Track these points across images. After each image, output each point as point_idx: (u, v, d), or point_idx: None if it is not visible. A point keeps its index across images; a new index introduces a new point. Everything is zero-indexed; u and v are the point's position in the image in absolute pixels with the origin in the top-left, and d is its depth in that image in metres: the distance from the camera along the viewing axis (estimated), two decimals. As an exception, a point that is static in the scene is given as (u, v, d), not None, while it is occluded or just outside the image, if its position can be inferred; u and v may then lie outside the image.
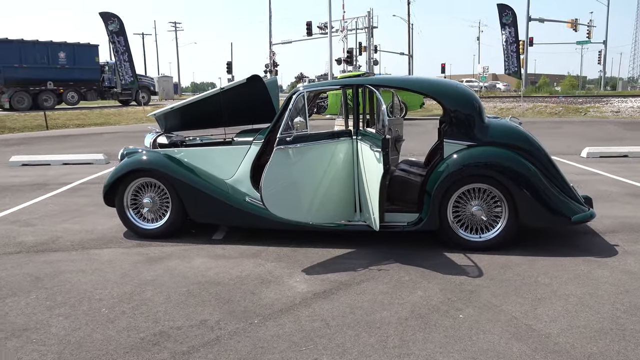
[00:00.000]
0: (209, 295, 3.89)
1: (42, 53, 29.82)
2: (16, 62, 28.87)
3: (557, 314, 3.44)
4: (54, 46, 30.47)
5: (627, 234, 5.20)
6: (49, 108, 28.72)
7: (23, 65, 29.09)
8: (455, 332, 3.24)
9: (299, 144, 4.55)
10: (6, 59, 28.23)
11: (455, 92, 5.00)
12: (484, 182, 4.70)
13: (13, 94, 28.84)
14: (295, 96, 4.71)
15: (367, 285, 4.02)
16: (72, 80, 30.53)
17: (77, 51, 30.60)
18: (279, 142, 4.48)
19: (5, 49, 28.29)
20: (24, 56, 29.20)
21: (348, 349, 3.05)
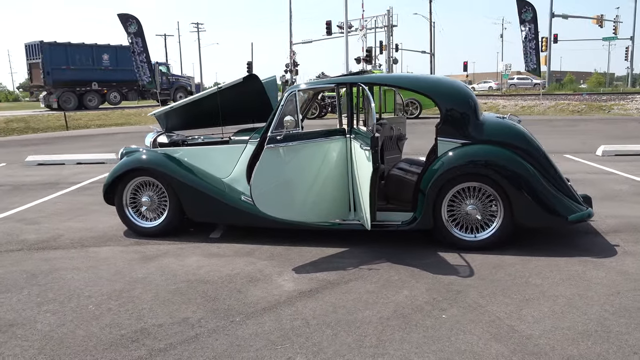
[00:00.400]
0: (196, 294, 3.91)
1: (88, 55, 31.31)
2: (64, 64, 30.33)
3: (542, 315, 3.37)
4: (98, 48, 31.86)
5: (630, 234, 5.07)
6: (94, 108, 30.44)
7: (70, 67, 30.57)
8: (435, 332, 3.20)
9: (290, 143, 4.55)
10: (55, 61, 29.72)
11: (449, 89, 4.94)
12: (478, 180, 4.63)
13: (61, 94, 30.32)
14: (287, 95, 4.71)
15: (354, 285, 4.00)
16: (114, 81, 31.66)
17: (120, 53, 31.74)
18: (270, 141, 4.49)
19: (54, 52, 29.75)
20: (71, 58, 30.66)
21: (324, 348, 3.03)
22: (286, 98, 4.70)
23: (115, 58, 31.85)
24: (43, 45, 29.85)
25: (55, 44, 30.30)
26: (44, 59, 29.70)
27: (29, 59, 30.82)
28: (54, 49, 30.02)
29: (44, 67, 29.72)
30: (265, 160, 4.43)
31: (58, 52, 30.13)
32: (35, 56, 30.21)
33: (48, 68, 29.73)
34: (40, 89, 31.59)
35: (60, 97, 30.28)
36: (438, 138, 4.78)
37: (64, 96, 30.46)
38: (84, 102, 31.14)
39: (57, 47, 30.26)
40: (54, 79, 29.96)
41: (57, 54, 30.12)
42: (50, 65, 29.72)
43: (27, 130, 21.86)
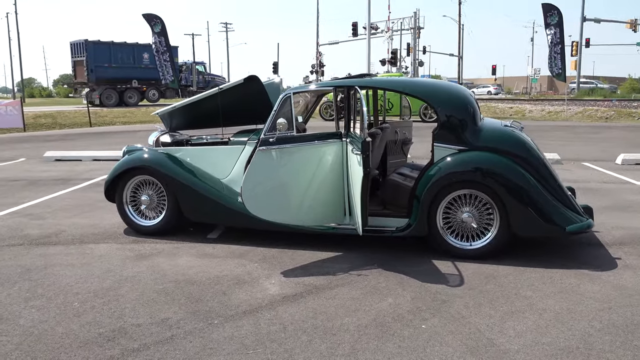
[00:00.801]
0: (181, 294, 3.92)
1: (129, 54, 32.52)
2: (106, 62, 31.53)
3: (525, 329, 3.28)
4: (139, 47, 32.96)
5: (635, 247, 4.90)
6: (133, 105, 31.61)
7: (112, 65, 31.77)
8: (410, 342, 3.13)
9: (283, 145, 4.53)
10: (98, 59, 30.87)
11: (446, 94, 4.85)
12: (474, 188, 4.53)
13: (103, 91, 31.59)
14: (281, 98, 4.69)
15: (339, 290, 3.96)
16: (153, 79, 32.48)
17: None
18: (262, 143, 4.48)
19: (98, 50, 30.90)
20: (113, 57, 31.88)
21: (295, 355, 3.00)
22: (280, 101, 4.68)
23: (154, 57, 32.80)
24: (87, 43, 30.97)
25: (99, 42, 31.45)
26: (88, 56, 30.79)
27: (74, 56, 31.92)
28: (98, 48, 31.16)
29: (88, 65, 30.82)
30: (257, 162, 4.42)
31: (101, 50, 31.31)
32: (80, 54, 31.32)
33: (92, 65, 30.85)
34: (83, 85, 32.71)
35: (102, 93, 31.50)
36: (434, 144, 4.70)
37: (105, 93, 31.67)
38: (124, 99, 32.31)
39: (100, 45, 31.43)
40: (96, 76, 31.06)
41: (101, 52, 31.29)
42: (93, 63, 30.87)
43: (54, 125, 22.38)
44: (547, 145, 13.02)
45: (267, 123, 4.62)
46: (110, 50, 31.92)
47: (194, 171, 5.42)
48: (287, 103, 4.66)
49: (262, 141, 4.48)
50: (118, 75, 31.90)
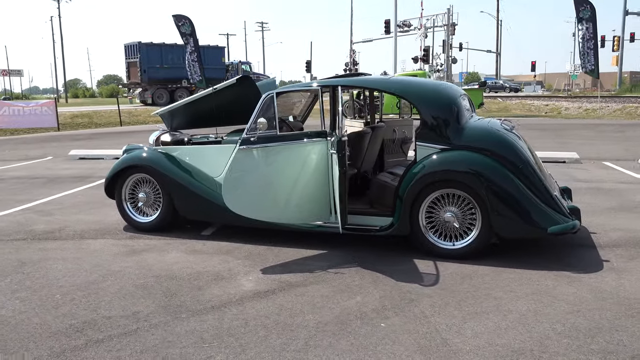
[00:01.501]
0: (159, 289, 4.05)
1: (179, 54, 33.03)
2: (158, 63, 32.76)
3: (483, 330, 3.26)
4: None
5: (627, 250, 4.77)
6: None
7: (164, 66, 32.93)
8: (364, 340, 3.16)
9: (265, 145, 4.61)
10: (150, 60, 32.16)
11: (428, 93, 4.83)
12: (455, 187, 4.51)
13: (154, 91, 32.83)
14: (263, 98, 4.76)
15: (312, 288, 4.01)
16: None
17: (207, 52, 33.86)
18: (242, 143, 4.57)
19: (150, 52, 32.20)
20: (164, 57, 33.02)
21: (247, 350, 3.08)
22: (262, 101, 4.75)
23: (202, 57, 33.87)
24: (141, 45, 32.19)
25: (151, 44, 32.70)
26: (141, 58, 31.98)
27: (127, 58, 33.23)
28: (150, 49, 32.39)
29: (141, 66, 32.00)
30: (237, 161, 4.51)
31: (153, 51, 32.54)
32: (133, 55, 32.55)
33: (144, 66, 32.03)
34: (136, 85, 33.96)
35: (154, 93, 32.66)
36: (417, 143, 4.69)
37: (157, 93, 32.79)
38: (175, 98, 33.38)
39: (152, 47, 32.68)
40: (149, 76, 32.25)
41: (153, 53, 32.51)
42: (146, 64, 32.07)
43: (90, 125, 23.17)
44: (568, 144, 12.70)
45: (249, 122, 4.70)
46: (162, 52, 33.06)
47: (188, 170, 5.56)
48: (268, 103, 4.73)
49: (243, 140, 4.57)
50: (169, 76, 32.81)
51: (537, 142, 12.88)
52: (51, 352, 3.08)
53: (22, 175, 9.58)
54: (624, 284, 3.95)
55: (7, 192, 8.06)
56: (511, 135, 4.82)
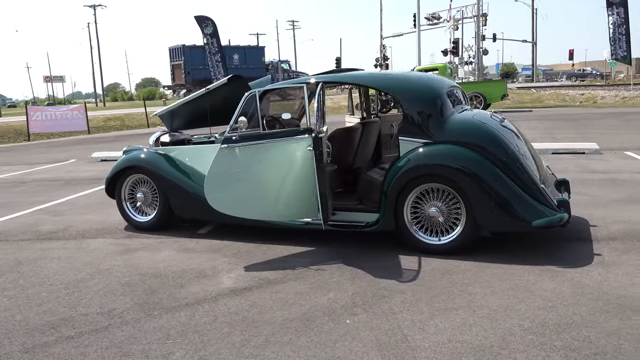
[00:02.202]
0: (141, 287, 4.14)
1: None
2: (201, 64, 33.46)
3: (448, 327, 3.20)
4: (229, 49, 35.40)
5: (623, 243, 4.60)
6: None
7: (206, 67, 33.37)
8: (324, 337, 3.16)
9: (247, 143, 4.64)
10: (193, 61, 33.05)
11: (410, 87, 4.76)
12: (438, 182, 4.44)
13: None
14: (246, 97, 4.79)
15: (289, 285, 4.02)
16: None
17: (248, 52, 34.74)
18: (224, 142, 4.61)
19: (194, 53, 33.18)
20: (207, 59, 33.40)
21: (208, 345, 3.12)
22: (244, 100, 4.78)
23: (244, 57, 34.93)
24: (185, 48, 33.10)
25: (195, 46, 33.69)
26: (185, 60, 32.87)
27: (172, 60, 34.29)
28: (194, 51, 33.33)
29: (185, 68, 32.89)
30: (219, 160, 4.56)
31: (196, 53, 33.45)
32: (178, 58, 33.41)
33: (188, 68, 32.92)
34: (181, 87, 34.88)
35: None
36: (399, 137, 4.64)
37: None
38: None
39: (195, 49, 33.64)
40: (192, 77, 33.14)
41: (196, 55, 33.42)
42: (190, 65, 32.98)
43: (122, 127, 23.80)
44: (589, 134, 12.30)
45: (231, 121, 4.74)
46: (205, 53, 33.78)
47: (184, 170, 5.65)
48: (250, 101, 4.76)
49: (225, 139, 4.62)
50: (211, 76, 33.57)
51: (558, 133, 12.54)
52: (22, 348, 3.20)
53: (43, 178, 9.93)
54: (609, 279, 3.82)
55: (25, 194, 8.38)
56: (499, 127, 4.70)
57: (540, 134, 12.63)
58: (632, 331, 3.03)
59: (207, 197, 4.56)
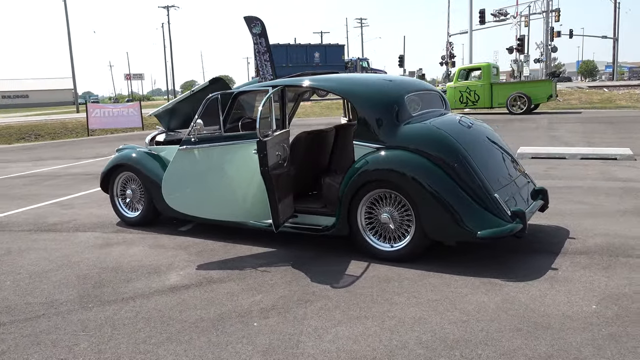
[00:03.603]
0: (94, 280, 4.37)
1: (302, 54, 35.86)
2: (284, 62, 34.80)
3: (346, 336, 3.17)
4: (311, 47, 36.63)
5: (591, 257, 4.32)
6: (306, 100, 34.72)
7: (288, 65, 34.94)
8: (224, 338, 3.22)
9: (205, 145, 4.77)
10: (277, 60, 34.25)
11: (365, 91, 4.69)
12: (388, 188, 4.36)
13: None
14: (206, 100, 4.90)
15: (226, 285, 4.11)
16: None
17: (328, 51, 35.83)
18: (183, 143, 4.76)
19: (277, 52, 34.42)
20: (289, 57, 35.33)
21: (113, 339, 3.26)
22: (205, 102, 4.90)
23: (324, 55, 35.74)
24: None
25: (278, 45, 35.05)
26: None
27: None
28: (277, 49, 34.45)
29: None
30: (177, 161, 4.71)
31: (280, 52, 34.72)
32: None
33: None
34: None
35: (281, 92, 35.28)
36: (354, 141, 4.59)
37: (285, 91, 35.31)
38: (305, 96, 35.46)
39: (279, 47, 34.98)
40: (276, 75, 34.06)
41: (279, 53, 34.64)
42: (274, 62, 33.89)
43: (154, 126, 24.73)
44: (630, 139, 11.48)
45: (191, 123, 4.88)
46: (287, 51, 35.13)
47: (168, 168, 5.85)
48: (210, 104, 4.87)
49: (183, 141, 4.76)
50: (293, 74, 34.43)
51: (596, 138, 11.82)
52: (-44, 331, 3.49)
53: (77, 172, 10.58)
54: (546, 295, 3.62)
55: (54, 187, 8.98)
56: (461, 132, 4.55)
57: (576, 138, 11.95)
58: (529, 352, 2.88)
59: (164, 197, 4.74)
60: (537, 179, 7.66)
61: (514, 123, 14.91)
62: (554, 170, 8.31)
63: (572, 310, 3.38)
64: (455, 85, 18.00)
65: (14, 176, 10.64)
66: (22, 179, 10.25)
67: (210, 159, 4.78)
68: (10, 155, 15.11)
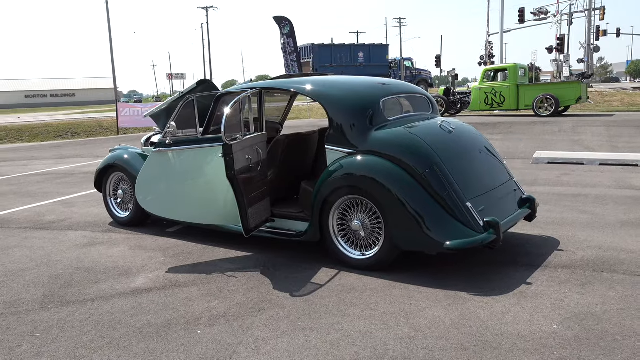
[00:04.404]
0: (65, 280, 4.40)
1: (346, 53, 36.16)
2: (328, 62, 35.46)
3: (284, 348, 3.06)
4: (355, 47, 37.09)
5: (573, 272, 4.07)
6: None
7: (332, 65, 35.47)
8: (162, 345, 3.16)
9: (180, 147, 4.74)
10: (321, 60, 34.85)
11: (337, 94, 4.55)
12: (358, 194, 4.22)
13: None
14: (182, 102, 4.87)
15: (189, 289, 4.07)
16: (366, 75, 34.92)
17: (372, 51, 36.00)
18: (157, 145, 4.74)
19: (321, 52, 34.86)
20: (334, 57, 35.79)
21: (56, 342, 3.26)
22: (180, 105, 4.87)
23: (368, 55, 35.86)
24: (314, 46, 34.68)
25: (323, 45, 35.33)
26: (314, 58, 34.30)
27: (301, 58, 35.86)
28: (322, 50, 34.77)
29: (313, 65, 34.45)
30: (151, 163, 4.69)
31: (325, 51, 35.03)
32: (307, 56, 35.00)
33: (316, 66, 34.45)
34: None
35: None
36: (326, 146, 4.47)
37: None
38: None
39: (324, 47, 35.23)
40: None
41: (324, 53, 34.96)
42: (318, 63, 34.49)
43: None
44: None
45: (165, 127, 4.86)
46: (332, 51, 35.50)
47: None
48: (186, 106, 4.84)
49: (158, 143, 4.74)
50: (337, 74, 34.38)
51: (622, 143, 11.27)
52: None
53: (90, 171, 10.76)
54: (509, 312, 3.42)
55: (64, 185, 9.18)
56: (438, 138, 4.36)
57: (600, 142, 11.40)
58: (466, 375, 2.70)
59: (137, 199, 4.73)
60: (547, 185, 7.36)
61: (536, 126, 14.37)
62: (567, 177, 7.94)
63: (530, 329, 3.17)
64: (481, 86, 17.50)
65: (31, 174, 10.95)
66: (38, 176, 10.53)
67: (184, 162, 4.75)
68: (38, 153, 15.59)
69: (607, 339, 3.02)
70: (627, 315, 3.30)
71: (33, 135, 22.58)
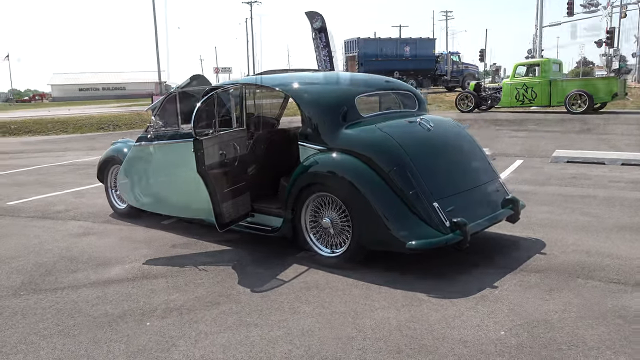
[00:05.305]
0: (46, 268, 4.57)
1: (392, 47, 35.84)
2: (374, 56, 35.22)
3: (221, 343, 3.09)
4: (401, 41, 36.71)
5: (546, 276, 3.91)
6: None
7: (378, 58, 35.22)
8: (109, 335, 3.24)
9: (162, 142, 4.82)
10: (367, 53, 34.93)
11: (311, 90, 4.51)
12: (327, 191, 4.20)
13: None
14: (165, 97, 4.95)
15: (159, 281, 4.15)
16: (412, 70, 35.07)
17: (419, 45, 35.91)
18: (139, 139, 4.83)
19: (367, 46, 35.08)
20: (380, 50, 35.43)
21: (11, 329, 3.39)
22: (163, 99, 4.95)
23: (415, 49, 35.78)
24: (359, 40, 34.84)
25: (369, 39, 35.42)
26: (359, 52, 34.38)
27: (347, 52, 36.01)
28: (368, 43, 34.86)
29: (359, 59, 34.49)
30: (131, 157, 4.79)
31: (370, 45, 35.02)
32: (352, 50, 35.17)
33: (362, 60, 34.51)
34: None
35: None
36: (298, 142, 4.45)
37: None
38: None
39: (370, 41, 35.30)
40: (365, 69, 34.56)
41: (370, 47, 34.96)
42: (364, 57, 34.54)
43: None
44: None
45: (150, 122, 4.95)
46: (377, 45, 35.16)
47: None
48: (172, 102, 4.91)
49: (139, 137, 4.83)
50: (382, 68, 33.74)
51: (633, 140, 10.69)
52: None
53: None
54: (462, 316, 3.32)
55: (84, 176, 9.50)
56: (413, 136, 4.27)
57: (628, 141, 10.86)
58: (388, 378, 2.65)
59: (121, 193, 4.84)
60: (558, 185, 7.09)
61: (564, 124, 13.80)
62: (582, 177, 7.61)
63: (475, 334, 3.07)
64: (512, 81, 16.94)
65: (58, 164, 11.39)
66: (63, 167, 10.94)
67: (165, 156, 4.84)
68: (71, 144, 16.19)
69: (551, 347, 2.90)
70: (582, 325, 3.15)
71: (77, 127, 23.43)
